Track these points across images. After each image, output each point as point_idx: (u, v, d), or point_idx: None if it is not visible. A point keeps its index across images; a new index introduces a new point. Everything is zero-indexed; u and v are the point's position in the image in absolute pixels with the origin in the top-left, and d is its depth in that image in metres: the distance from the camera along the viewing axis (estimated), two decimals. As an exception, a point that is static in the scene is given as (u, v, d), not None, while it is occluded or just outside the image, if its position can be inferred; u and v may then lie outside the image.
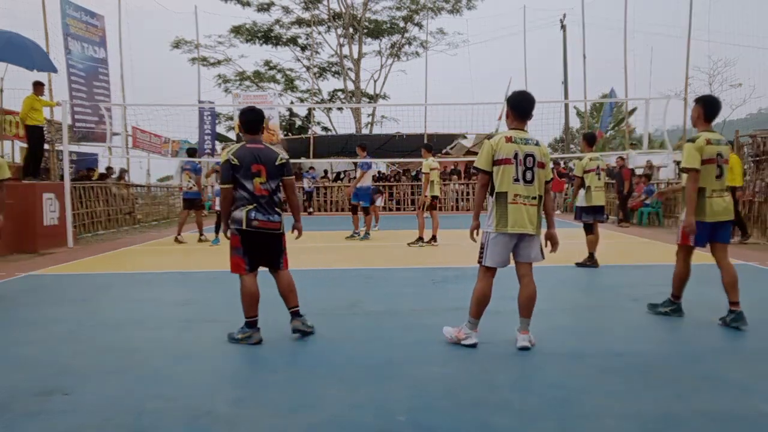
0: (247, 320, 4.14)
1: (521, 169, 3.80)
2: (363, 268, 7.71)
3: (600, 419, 2.76)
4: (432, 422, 2.74)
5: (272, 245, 4.22)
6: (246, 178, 4.05)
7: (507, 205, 3.79)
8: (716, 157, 4.42)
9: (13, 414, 2.90)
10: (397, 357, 3.77)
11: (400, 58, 31.65)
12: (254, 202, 4.07)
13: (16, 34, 10.49)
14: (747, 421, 2.76)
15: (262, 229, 4.08)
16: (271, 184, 4.12)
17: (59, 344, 4.19)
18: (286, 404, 2.99)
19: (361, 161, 11.13)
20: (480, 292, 3.92)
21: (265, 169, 4.09)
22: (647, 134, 13.46)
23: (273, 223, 4.13)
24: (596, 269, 7.30)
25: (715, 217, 4.45)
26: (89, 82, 15.07)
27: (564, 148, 31.01)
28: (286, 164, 4.21)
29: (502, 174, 3.81)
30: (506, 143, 3.84)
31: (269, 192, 4.11)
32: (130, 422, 2.79)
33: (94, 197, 13.68)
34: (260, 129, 4.27)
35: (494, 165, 3.83)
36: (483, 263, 3.91)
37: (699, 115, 4.56)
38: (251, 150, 4.10)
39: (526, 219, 3.79)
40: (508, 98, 4.04)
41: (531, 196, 3.82)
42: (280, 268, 4.29)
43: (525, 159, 3.82)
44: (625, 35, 20.00)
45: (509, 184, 3.79)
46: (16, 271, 7.54)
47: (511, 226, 3.78)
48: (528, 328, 3.93)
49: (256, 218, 4.06)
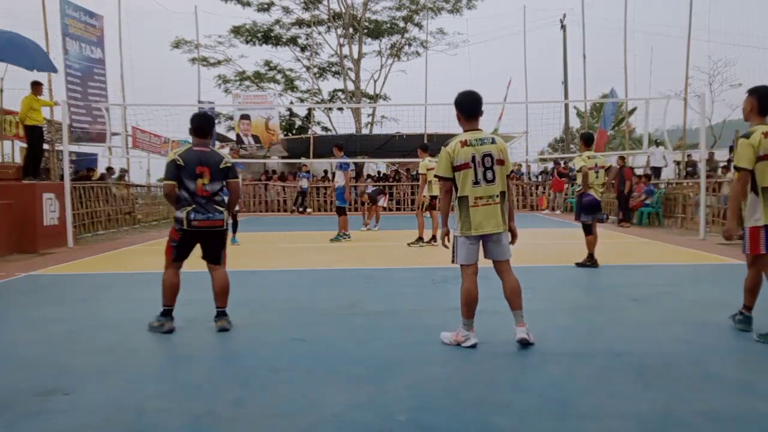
0: (164, 308, 4.42)
1: (480, 171, 3.84)
2: (363, 268, 7.71)
3: (600, 419, 2.77)
4: (432, 422, 2.74)
5: (213, 241, 4.47)
6: (189, 179, 4.31)
7: (469, 208, 3.85)
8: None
9: (13, 414, 2.90)
10: (397, 357, 3.77)
11: (400, 58, 31.67)
12: (193, 203, 4.33)
13: (16, 34, 10.49)
14: (747, 421, 2.76)
15: (202, 228, 4.36)
16: (214, 186, 4.39)
17: (59, 344, 4.19)
18: (286, 404, 3.00)
19: (339, 161, 10.97)
20: (466, 292, 3.96)
21: (209, 171, 4.35)
22: (647, 134, 13.47)
23: (214, 221, 4.39)
24: (596, 269, 7.30)
25: None
26: (84, 82, 15.08)
27: (564, 148, 31.02)
28: (231, 167, 4.50)
29: (462, 179, 3.86)
30: (462, 148, 3.87)
31: (210, 193, 4.37)
32: (131, 422, 2.79)
33: (94, 197, 13.68)
34: (209, 134, 4.57)
35: (454, 171, 3.87)
36: (457, 262, 3.98)
37: (753, 107, 4.07)
38: (197, 153, 4.38)
39: (490, 219, 3.85)
40: (454, 100, 4.04)
41: (494, 195, 3.87)
42: (219, 264, 4.52)
43: (483, 160, 3.85)
44: (625, 35, 20.02)
45: (470, 188, 3.85)
46: (16, 271, 7.54)
47: (475, 228, 3.86)
48: (524, 320, 3.97)
49: (195, 218, 4.33)
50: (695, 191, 12.74)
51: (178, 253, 4.44)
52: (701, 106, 11.53)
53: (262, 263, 8.52)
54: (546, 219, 17.46)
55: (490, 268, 4.06)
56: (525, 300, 5.54)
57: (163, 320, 4.39)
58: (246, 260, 8.79)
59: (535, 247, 10.19)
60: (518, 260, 8.21)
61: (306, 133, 25.59)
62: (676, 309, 5.01)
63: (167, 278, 4.44)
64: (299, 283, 6.60)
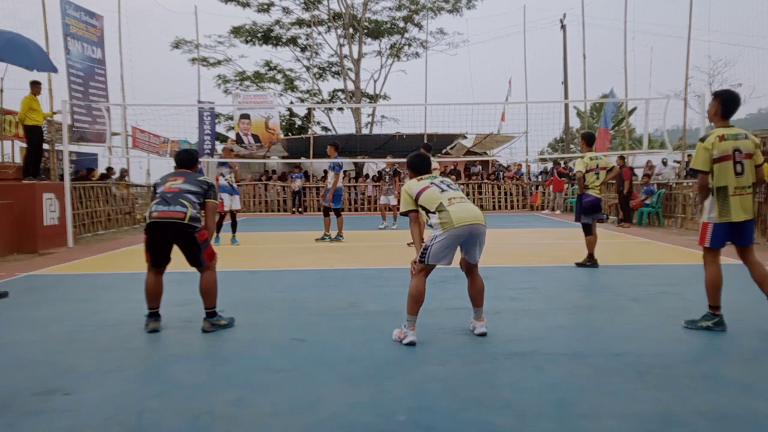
0: (149, 311, 4.50)
1: (444, 185, 4.15)
2: (363, 268, 7.70)
3: (600, 419, 2.77)
4: (432, 422, 2.74)
5: (183, 241, 4.34)
6: (162, 185, 4.43)
7: (447, 209, 3.97)
8: (733, 153, 4.19)
9: (13, 414, 2.91)
10: (396, 357, 3.77)
11: (400, 58, 31.66)
12: (159, 198, 4.33)
13: (17, 34, 10.49)
14: (747, 421, 2.76)
15: (161, 219, 4.23)
16: (185, 186, 4.37)
17: (59, 344, 4.19)
18: (286, 404, 3.00)
19: (332, 162, 10.79)
20: (415, 288, 4.03)
21: (183, 179, 4.43)
22: (647, 134, 13.45)
23: (175, 212, 4.23)
24: (596, 269, 7.30)
25: (740, 217, 4.19)
26: (86, 82, 15.08)
27: (564, 148, 31.02)
28: (211, 187, 4.49)
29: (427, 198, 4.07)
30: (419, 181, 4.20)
31: (179, 189, 4.33)
32: (131, 421, 2.80)
33: (94, 197, 13.68)
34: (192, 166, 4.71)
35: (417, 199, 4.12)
36: (426, 262, 4.02)
37: (716, 110, 4.33)
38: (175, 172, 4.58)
39: (473, 212, 4.01)
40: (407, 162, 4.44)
41: (464, 197, 4.14)
42: (201, 266, 4.46)
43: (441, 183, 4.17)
44: (625, 35, 20.02)
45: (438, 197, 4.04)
46: (16, 271, 7.54)
47: (457, 221, 3.93)
48: (483, 315, 4.25)
49: (155, 210, 4.28)
50: (695, 191, 12.74)
51: (152, 255, 4.42)
52: (701, 106, 11.52)
53: (261, 263, 8.52)
54: (546, 219, 17.47)
55: (489, 267, 4.05)
56: (525, 300, 5.55)
57: (147, 320, 4.48)
58: (246, 260, 8.78)
59: (536, 247, 10.20)
60: (519, 260, 8.25)
61: (306, 133, 25.58)
62: (675, 309, 5.01)
63: (147, 282, 4.47)
64: (299, 283, 6.60)
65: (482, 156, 25.65)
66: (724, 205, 4.22)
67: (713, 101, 4.37)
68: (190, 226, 4.29)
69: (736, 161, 4.21)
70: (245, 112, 23.45)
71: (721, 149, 4.20)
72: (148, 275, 4.47)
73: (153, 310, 4.49)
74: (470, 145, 25.11)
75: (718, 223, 4.26)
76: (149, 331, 4.41)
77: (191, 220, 4.27)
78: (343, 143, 11.41)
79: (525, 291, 5.91)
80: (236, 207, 10.61)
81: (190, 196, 4.34)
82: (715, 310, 4.31)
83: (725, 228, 4.26)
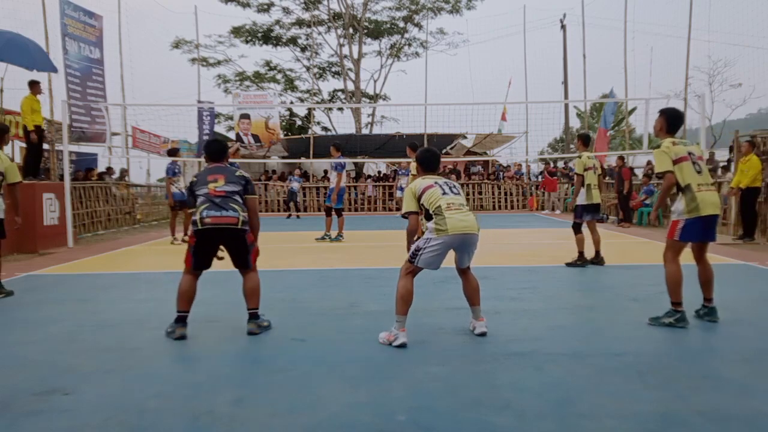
0: (177, 314, 4.27)
1: (446, 187, 4.15)
2: (363, 268, 7.71)
3: (600, 419, 2.77)
4: (432, 422, 2.74)
5: (234, 244, 4.29)
6: (202, 186, 4.30)
7: (444, 214, 3.99)
8: (688, 155, 4.48)
9: (13, 414, 2.90)
10: (396, 357, 3.77)
11: (400, 58, 31.66)
12: (208, 201, 4.22)
13: (17, 34, 10.50)
14: (747, 421, 2.76)
15: (216, 225, 4.17)
16: (229, 187, 4.28)
17: (59, 344, 4.19)
18: (286, 404, 3.00)
19: (335, 162, 10.83)
20: (403, 289, 4.02)
21: (224, 177, 4.32)
22: (647, 134, 13.43)
23: (229, 218, 4.18)
24: (585, 268, 7.29)
25: (708, 210, 4.39)
26: (83, 82, 15.07)
27: (564, 148, 31.02)
28: (249, 180, 4.43)
29: (429, 198, 4.07)
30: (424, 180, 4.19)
31: (225, 192, 4.25)
32: (131, 421, 2.79)
33: (94, 197, 13.68)
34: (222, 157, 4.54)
35: (420, 198, 4.11)
36: (415, 263, 4.04)
37: (662, 126, 4.67)
38: (209, 168, 4.45)
39: (468, 221, 4.02)
40: (417, 156, 4.44)
41: (464, 204, 4.13)
42: (248, 268, 4.41)
43: (444, 184, 4.18)
44: (625, 35, 20.03)
45: (439, 198, 4.05)
46: (16, 271, 7.54)
47: (452, 228, 3.95)
48: (482, 314, 4.24)
49: (208, 215, 4.18)
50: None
51: (196, 259, 4.27)
52: (701, 106, 11.53)
53: (261, 263, 8.48)
54: (546, 219, 17.47)
55: (489, 267, 4.06)
56: (525, 300, 5.55)
57: (174, 326, 4.25)
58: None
59: (536, 247, 10.20)
60: (519, 260, 8.25)
61: (306, 133, 25.59)
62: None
63: (182, 283, 4.28)
64: (299, 283, 6.60)
65: (482, 156, 25.67)
66: (691, 201, 4.39)
67: (659, 118, 4.70)
68: (243, 230, 4.27)
69: (693, 162, 4.49)
70: (245, 112, 23.45)
71: (676, 152, 4.47)
72: (185, 277, 4.30)
73: (183, 313, 4.26)
74: (470, 145, 25.12)
75: (689, 219, 4.41)
76: (176, 338, 4.16)
77: (243, 224, 4.25)
78: (343, 143, 11.42)
79: (525, 291, 5.92)
80: None
81: (237, 198, 4.30)
82: (677, 306, 4.43)
83: (697, 223, 4.41)
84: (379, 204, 22.69)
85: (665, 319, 4.43)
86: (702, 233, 4.47)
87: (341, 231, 10.95)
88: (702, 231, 4.45)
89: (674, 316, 4.41)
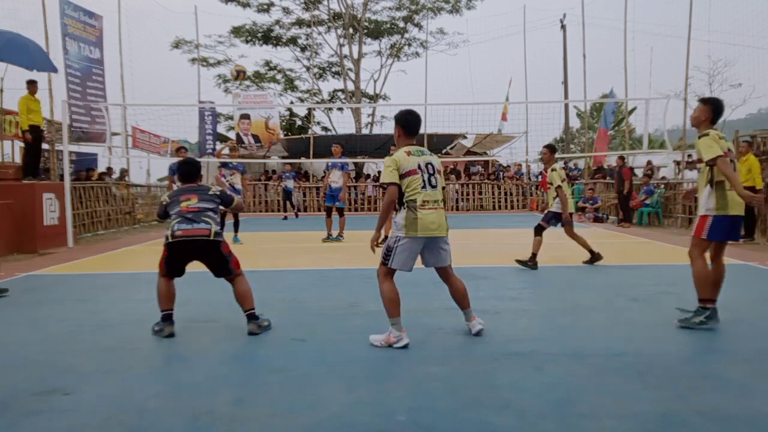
0: (162, 313, 4.35)
1: (426, 176, 3.99)
2: (363, 268, 7.70)
3: (600, 419, 2.77)
4: (432, 422, 2.74)
5: (208, 255, 4.35)
6: (175, 205, 4.38)
7: (416, 211, 3.93)
8: (728, 152, 4.35)
9: (13, 414, 2.90)
10: (396, 357, 3.77)
11: (400, 58, 31.64)
12: (179, 217, 4.30)
13: (17, 33, 10.49)
14: (747, 421, 2.75)
15: (186, 237, 4.22)
16: (202, 204, 4.37)
17: (59, 344, 4.19)
18: (286, 404, 2.99)
19: (339, 161, 10.79)
20: (389, 292, 3.99)
21: (197, 196, 4.41)
22: (647, 134, 13.45)
23: (199, 230, 4.24)
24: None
25: (735, 210, 4.30)
26: (83, 82, 15.06)
27: (564, 149, 31.01)
28: (221, 193, 4.60)
29: (409, 184, 3.96)
30: (408, 156, 4.01)
31: (198, 209, 4.33)
32: (131, 422, 2.79)
33: (94, 197, 13.68)
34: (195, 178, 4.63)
35: (401, 178, 3.97)
36: (389, 265, 4.00)
37: (707, 116, 4.46)
38: (183, 188, 4.54)
39: (439, 223, 3.98)
40: (396, 118, 4.20)
41: (439, 200, 4.04)
42: (231, 275, 4.44)
43: (426, 167, 4.01)
44: (625, 35, 19.98)
45: (418, 192, 3.95)
46: (16, 271, 7.54)
47: (421, 230, 3.92)
48: (473, 314, 4.21)
49: (179, 228, 4.25)
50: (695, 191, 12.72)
51: (168, 268, 4.39)
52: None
53: (261, 263, 8.52)
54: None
55: (489, 268, 4.05)
56: (525, 300, 5.55)
57: (162, 325, 4.32)
58: (246, 260, 8.75)
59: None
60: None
61: (306, 133, 25.58)
62: (675, 309, 5.01)
63: (160, 286, 4.40)
64: (299, 283, 6.60)
65: (482, 156, 25.66)
66: (722, 198, 4.30)
67: (704, 107, 4.47)
68: (216, 242, 4.31)
69: (731, 159, 4.39)
70: (245, 112, 23.44)
71: (721, 146, 4.29)
72: (161, 280, 4.41)
73: (167, 311, 4.34)
74: (470, 145, 25.11)
75: (717, 216, 4.32)
76: (165, 336, 4.24)
77: (216, 235, 4.29)
78: (343, 143, 11.43)
79: (525, 291, 5.92)
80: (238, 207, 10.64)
81: (210, 213, 4.37)
82: (707, 303, 4.35)
83: (724, 221, 4.31)
84: (379, 204, 22.68)
85: (696, 319, 4.32)
86: (728, 232, 4.38)
87: (342, 231, 10.97)
88: (728, 230, 4.36)
89: (704, 314, 4.31)
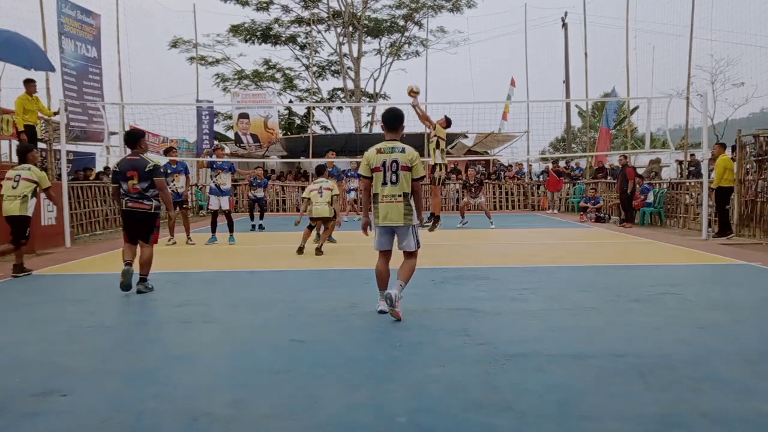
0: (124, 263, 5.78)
1: (389, 174, 4.65)
2: (362, 269, 7.67)
3: (601, 421, 2.75)
4: (432, 423, 2.72)
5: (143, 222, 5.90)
6: (123, 181, 5.83)
7: (378, 205, 4.71)
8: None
9: (11, 414, 2.88)
10: (396, 358, 3.75)
11: (400, 56, 31.62)
12: (127, 196, 5.84)
13: (15, 32, 10.47)
14: (749, 422, 2.74)
15: (133, 208, 5.84)
16: (142, 185, 5.79)
17: (57, 345, 4.17)
18: (285, 405, 2.97)
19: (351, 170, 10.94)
20: (376, 270, 4.81)
21: (137, 174, 5.78)
22: (649, 133, 13.42)
23: (143, 204, 5.83)
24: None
25: None
26: (79, 81, 14.99)
27: (565, 148, 30.99)
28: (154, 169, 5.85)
29: (375, 179, 4.71)
30: (377, 154, 4.70)
31: (140, 190, 5.80)
32: (129, 422, 2.77)
33: (92, 197, 13.66)
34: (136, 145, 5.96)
35: (372, 172, 4.71)
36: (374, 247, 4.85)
37: None
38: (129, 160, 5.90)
39: (394, 214, 4.65)
40: (382, 115, 4.96)
41: (397, 194, 4.65)
42: (147, 242, 5.96)
43: (391, 165, 4.65)
44: (627, 33, 19.95)
45: (379, 187, 4.69)
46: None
47: (381, 220, 4.68)
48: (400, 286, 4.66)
49: (128, 203, 5.85)
50: (697, 191, 12.72)
51: (126, 233, 5.99)
52: (703, 106, 11.47)
53: (260, 263, 8.50)
54: (546, 219, 17.45)
55: (489, 268, 4.04)
56: (526, 300, 5.53)
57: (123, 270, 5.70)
58: (245, 260, 8.77)
59: (536, 247, 10.18)
60: (519, 260, 8.22)
61: (305, 133, 25.56)
62: (677, 310, 5.00)
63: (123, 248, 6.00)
64: (299, 284, 6.58)
65: (483, 155, 25.63)
66: None
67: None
68: (155, 214, 5.93)
69: None
70: (244, 112, 23.40)
71: None
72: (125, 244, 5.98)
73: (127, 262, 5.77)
74: (471, 145, 25.09)
75: None
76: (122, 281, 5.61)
77: (156, 209, 5.92)
78: (342, 142, 11.45)
79: (526, 291, 5.89)
80: (225, 207, 10.94)
81: (151, 190, 5.84)
82: None
83: None
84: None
85: None
86: None
87: (331, 232, 11.08)
88: None
89: None
